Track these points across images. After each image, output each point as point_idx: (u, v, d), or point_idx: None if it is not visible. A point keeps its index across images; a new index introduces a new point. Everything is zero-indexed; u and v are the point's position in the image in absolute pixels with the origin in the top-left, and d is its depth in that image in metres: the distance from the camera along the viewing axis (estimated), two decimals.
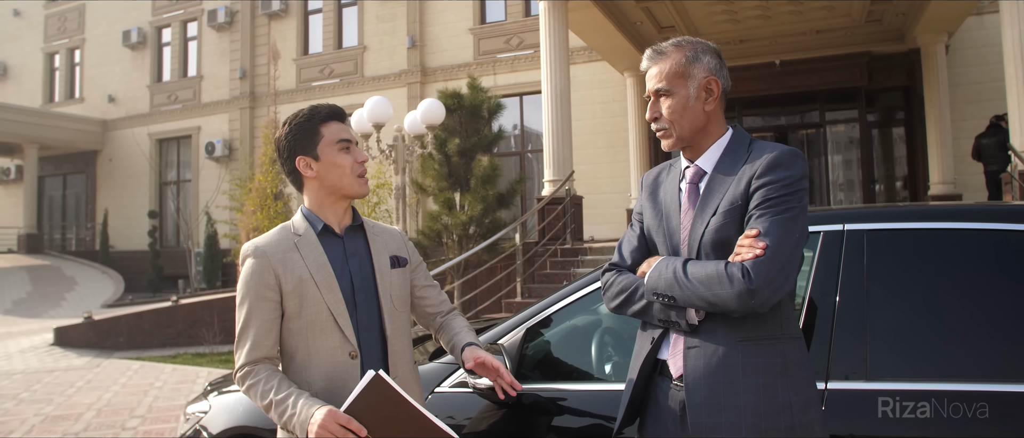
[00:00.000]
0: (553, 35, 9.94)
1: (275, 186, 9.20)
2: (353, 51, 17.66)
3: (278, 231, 1.91)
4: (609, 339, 2.46)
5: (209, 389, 3.29)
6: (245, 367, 1.79)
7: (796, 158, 1.63)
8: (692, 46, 1.75)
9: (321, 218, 1.90)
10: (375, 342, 1.90)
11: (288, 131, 1.90)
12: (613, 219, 14.01)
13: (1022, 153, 7.55)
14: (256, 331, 1.80)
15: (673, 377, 1.71)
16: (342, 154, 1.88)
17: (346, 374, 1.82)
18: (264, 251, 1.84)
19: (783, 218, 1.58)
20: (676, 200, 1.77)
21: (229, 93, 19.14)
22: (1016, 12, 7.70)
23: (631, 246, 1.85)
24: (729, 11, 11.52)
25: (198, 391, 7.45)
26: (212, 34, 19.62)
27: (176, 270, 18.71)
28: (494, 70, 15.60)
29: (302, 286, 1.82)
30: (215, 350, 9.91)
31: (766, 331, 1.62)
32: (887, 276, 1.99)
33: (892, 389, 1.87)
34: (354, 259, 1.91)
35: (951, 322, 1.93)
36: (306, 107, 1.93)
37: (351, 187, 1.89)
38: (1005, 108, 10.50)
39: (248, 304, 1.81)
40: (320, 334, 1.82)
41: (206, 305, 10.67)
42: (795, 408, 1.59)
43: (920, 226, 2.05)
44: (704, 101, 1.73)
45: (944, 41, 11.77)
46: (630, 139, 13.95)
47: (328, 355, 1.82)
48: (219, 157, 18.73)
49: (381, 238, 1.99)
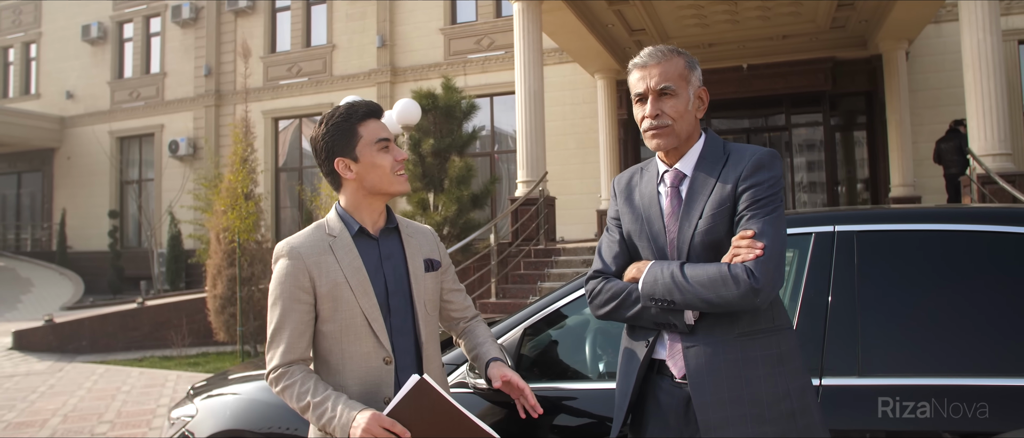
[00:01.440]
0: (527, 36, 9.97)
1: (246, 186, 9.06)
2: (322, 50, 17.49)
3: (313, 230, 1.88)
4: (607, 338, 2.49)
5: (193, 393, 3.25)
6: (280, 369, 1.78)
7: (775, 159, 1.71)
8: (686, 56, 1.81)
9: (357, 219, 1.88)
10: (409, 346, 1.89)
11: (325, 132, 1.86)
12: (583, 220, 14.10)
13: (980, 157, 7.80)
14: (290, 333, 1.78)
15: (675, 377, 1.75)
16: (382, 154, 1.85)
17: (380, 379, 1.82)
18: (299, 252, 1.82)
19: (773, 217, 1.65)
20: (656, 203, 1.80)
21: (194, 91, 18.80)
22: (974, 22, 7.95)
23: (613, 252, 1.87)
24: (699, 15, 11.69)
25: (167, 394, 7.33)
26: (176, 30, 19.26)
27: (138, 271, 18.31)
28: (465, 70, 15.59)
29: (337, 290, 1.80)
30: (184, 353, 9.74)
31: (760, 325, 1.69)
32: (877, 276, 2.07)
33: (884, 385, 1.94)
34: (389, 262, 1.90)
35: (939, 319, 2.01)
36: (342, 105, 1.89)
37: (392, 186, 1.87)
38: (962, 113, 10.85)
39: (282, 305, 1.80)
40: (355, 339, 1.81)
41: (174, 307, 10.48)
42: (793, 395, 1.67)
43: (909, 227, 2.13)
44: (697, 108, 1.80)
45: (904, 48, 12.11)
46: (600, 141, 14.05)
47: (362, 360, 1.81)
48: (183, 156, 18.39)
49: (416, 240, 1.97)
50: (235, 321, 9.08)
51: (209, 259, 9.39)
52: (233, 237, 8.89)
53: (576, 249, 9.81)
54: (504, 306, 8.34)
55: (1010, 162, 7.91)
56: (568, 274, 9.04)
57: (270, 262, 9.67)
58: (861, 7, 11.10)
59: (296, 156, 18.04)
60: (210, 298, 9.35)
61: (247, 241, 9.01)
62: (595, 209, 13.82)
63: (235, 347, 9.48)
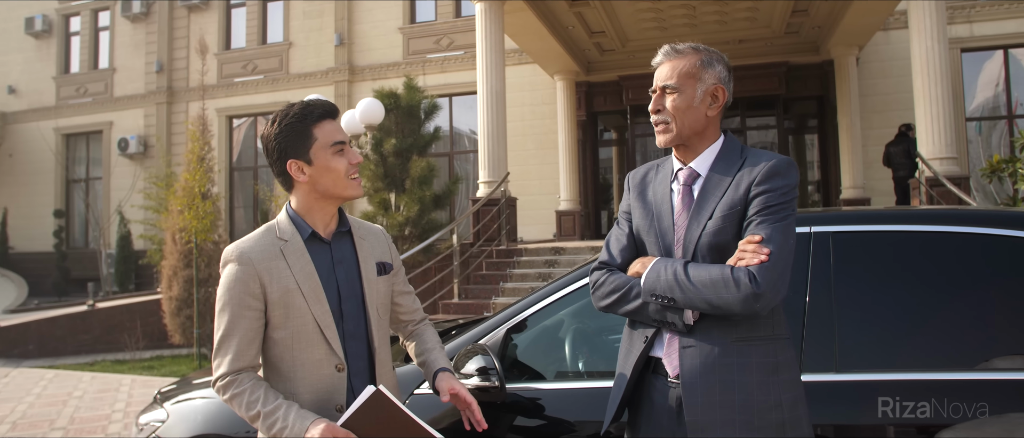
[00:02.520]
0: (489, 37, 9.99)
1: (203, 185, 8.86)
2: (278, 47, 17.21)
3: (262, 233, 1.82)
4: (589, 338, 2.52)
5: (160, 397, 3.18)
6: (228, 376, 1.72)
7: (791, 167, 1.72)
8: (708, 53, 1.81)
9: (308, 222, 1.82)
10: (361, 352, 1.85)
11: (278, 131, 1.79)
12: (542, 221, 14.16)
13: (929, 161, 8.09)
14: (239, 340, 1.73)
15: (669, 375, 1.77)
16: (336, 157, 1.79)
17: (333, 387, 1.78)
18: (249, 257, 1.76)
19: (782, 225, 1.66)
20: (668, 201, 1.81)
21: (144, 87, 18.28)
22: (923, 30, 8.25)
23: (620, 245, 1.89)
24: (657, 19, 11.88)
25: (122, 399, 7.13)
26: (126, 25, 18.70)
27: (85, 272, 17.72)
28: (424, 70, 15.51)
29: (288, 297, 1.75)
30: (138, 356, 9.47)
31: (759, 332, 1.70)
32: (852, 275, 2.14)
33: (862, 380, 2.02)
34: (341, 267, 1.85)
35: (912, 317, 2.09)
36: (297, 104, 1.82)
37: (346, 190, 1.81)
38: (909, 118, 11.25)
39: (230, 312, 1.74)
40: (306, 346, 1.76)
41: (126, 309, 10.20)
42: (785, 405, 1.67)
43: (882, 228, 2.21)
44: (708, 106, 1.79)
45: (855, 54, 12.49)
46: (560, 142, 14.14)
47: (314, 367, 1.77)
48: (133, 154, 17.87)
49: (368, 242, 1.92)
50: (191, 323, 8.88)
51: (164, 260, 9.16)
52: (190, 237, 8.70)
53: (538, 250, 9.86)
54: (467, 307, 8.34)
55: (956, 165, 8.23)
56: (530, 275, 9.08)
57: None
58: (815, 14, 11.42)
59: (250, 155, 17.71)
60: (165, 300, 9.12)
61: (204, 241, 8.82)
62: (554, 210, 13.89)
63: (191, 350, 9.27)
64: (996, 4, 12.69)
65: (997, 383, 1.98)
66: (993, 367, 2.04)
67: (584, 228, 13.97)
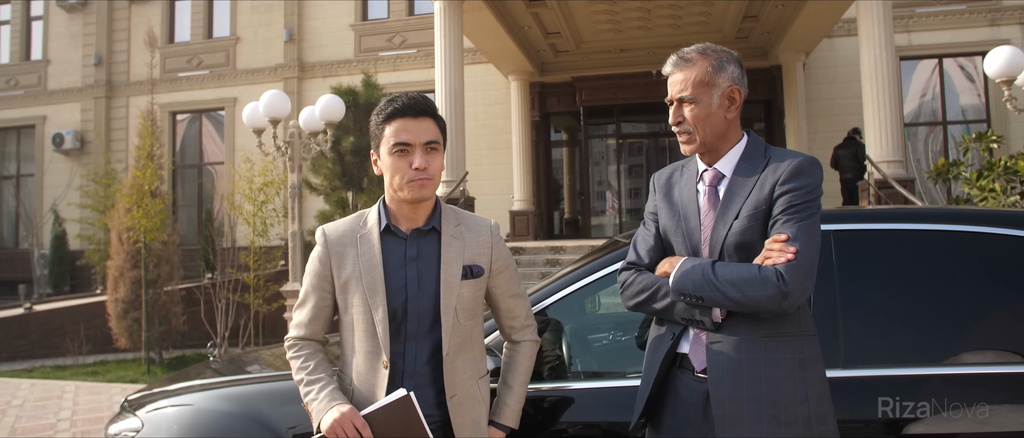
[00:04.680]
0: (448, 35, 9.93)
1: (152, 183, 8.54)
2: (225, 42, 16.73)
3: (353, 219, 1.91)
4: (597, 337, 2.51)
5: (129, 405, 3.04)
6: (292, 340, 1.89)
7: (816, 166, 1.74)
8: (717, 55, 1.81)
9: (390, 214, 1.86)
10: (423, 355, 1.80)
11: (372, 125, 1.89)
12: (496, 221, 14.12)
13: (878, 164, 8.38)
14: (307, 312, 1.88)
15: (696, 370, 1.78)
16: (396, 157, 1.79)
17: (374, 382, 1.78)
18: (329, 240, 1.87)
19: (808, 223, 1.68)
20: (694, 201, 1.83)
21: (82, 80, 17.50)
22: (872, 38, 8.54)
23: (647, 245, 1.91)
24: (612, 21, 12.01)
25: (67, 407, 6.80)
26: (61, 15, 17.88)
27: (14, 274, 16.87)
28: (376, 68, 15.29)
29: (349, 284, 1.82)
30: (80, 362, 9.06)
31: (786, 328, 1.72)
32: (854, 272, 2.19)
33: (867, 376, 2.07)
34: (414, 264, 1.82)
35: (913, 313, 2.15)
36: (388, 98, 1.86)
37: (399, 192, 1.81)
38: (853, 122, 11.67)
39: (307, 284, 1.90)
40: (360, 336, 1.81)
41: (66, 312, 9.75)
42: (811, 400, 1.70)
43: (881, 227, 2.26)
44: (726, 109, 1.80)
45: (802, 60, 12.88)
46: (513, 142, 14.15)
47: (363, 358, 1.81)
48: (69, 150, 17.08)
49: (462, 242, 1.86)
50: (139, 326, 8.54)
51: (110, 260, 8.78)
52: (138, 237, 8.36)
53: None
54: None
55: (902, 168, 8.55)
56: None
57: (178, 264, 9.17)
58: (765, 20, 11.72)
59: (195, 152, 17.18)
60: (111, 302, 8.75)
61: (153, 241, 8.49)
62: (507, 210, 13.87)
63: (139, 354, 8.92)
64: (932, 15, 13.26)
65: (966, 377, 2.06)
66: (963, 362, 2.11)
67: (537, 228, 14.00)
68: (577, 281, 2.39)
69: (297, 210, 7.38)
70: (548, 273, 8.86)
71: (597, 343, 2.79)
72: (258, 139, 7.47)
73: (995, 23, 13.16)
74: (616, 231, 14.70)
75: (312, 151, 7.65)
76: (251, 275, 8.84)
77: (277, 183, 9.16)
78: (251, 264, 8.84)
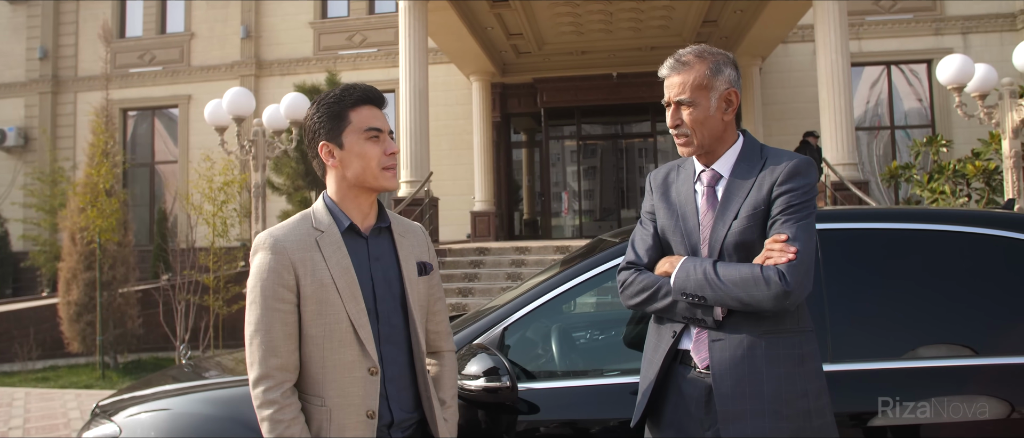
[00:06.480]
0: (413, 35, 9.89)
1: (107, 182, 8.28)
2: (179, 37, 16.32)
3: (298, 221, 1.74)
4: (587, 335, 2.54)
5: (100, 412, 2.95)
6: (263, 382, 1.63)
7: (811, 167, 1.79)
8: (714, 57, 1.84)
9: (346, 213, 1.75)
10: (399, 358, 1.78)
11: (315, 113, 1.75)
12: (456, 221, 14.09)
13: (835, 166, 8.63)
14: (273, 336, 1.64)
15: (698, 367, 1.82)
16: (370, 143, 1.72)
17: (365, 391, 1.69)
18: (283, 246, 1.67)
19: (805, 223, 1.73)
20: (692, 201, 1.86)
21: (26, 75, 16.85)
22: (829, 45, 8.80)
23: (646, 245, 1.93)
24: (575, 23, 12.10)
25: (17, 414, 6.56)
26: (4, 7, 17.16)
27: None
28: (335, 67, 15.11)
29: (322, 291, 1.67)
30: (29, 367, 8.72)
31: (785, 325, 1.77)
32: (839, 270, 2.26)
33: (854, 370, 2.14)
34: (378, 264, 1.77)
35: (895, 309, 2.23)
36: (338, 87, 1.76)
37: (377, 180, 1.73)
38: (806, 126, 11.99)
39: (262, 305, 1.65)
40: (338, 346, 1.68)
41: (12, 316, 9.37)
42: (810, 395, 1.75)
43: (865, 227, 2.35)
44: (723, 112, 1.83)
45: (759, 64, 13.19)
46: (474, 142, 14.15)
47: (346, 369, 1.68)
48: (12, 147, 16.44)
49: (408, 240, 1.85)
50: (93, 330, 8.27)
51: (61, 262, 8.48)
52: (93, 237, 8.09)
53: (462, 250, 9.83)
54: None
55: (857, 171, 8.82)
56: (456, 275, 9.03)
57: (134, 265, 8.91)
58: (723, 25, 11.96)
59: (147, 150, 16.72)
60: (62, 305, 8.45)
61: (108, 242, 8.24)
62: (469, 210, 13.86)
63: (92, 358, 8.64)
64: (881, 23, 13.72)
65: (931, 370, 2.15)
66: (921, 356, 2.20)
67: (498, 229, 14.02)
68: (571, 279, 2.41)
69: (261, 210, 7.26)
70: (515, 273, 8.88)
71: (595, 342, 2.82)
72: (220, 137, 7.32)
73: (939, 32, 13.69)
74: (575, 232, 14.80)
75: (276, 150, 7.53)
76: (211, 276, 8.64)
77: (237, 182, 8.98)
78: (211, 265, 8.65)
